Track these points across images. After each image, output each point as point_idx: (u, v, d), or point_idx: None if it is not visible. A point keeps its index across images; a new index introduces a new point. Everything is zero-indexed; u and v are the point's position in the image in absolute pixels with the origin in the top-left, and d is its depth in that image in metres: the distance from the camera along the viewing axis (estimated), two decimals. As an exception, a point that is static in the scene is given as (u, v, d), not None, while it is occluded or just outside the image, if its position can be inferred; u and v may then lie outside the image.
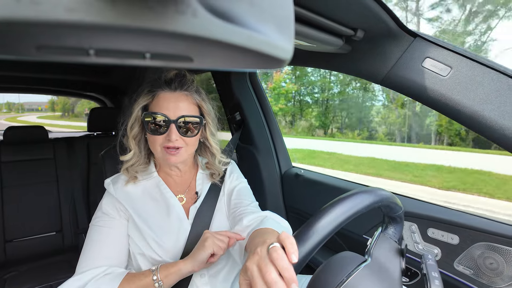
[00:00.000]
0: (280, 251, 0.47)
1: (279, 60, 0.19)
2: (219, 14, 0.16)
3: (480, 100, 0.67)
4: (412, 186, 7.60)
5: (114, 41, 0.15)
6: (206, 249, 0.78)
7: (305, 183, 1.47)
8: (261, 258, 0.49)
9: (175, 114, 0.84)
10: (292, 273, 0.45)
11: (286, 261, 0.46)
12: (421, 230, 0.99)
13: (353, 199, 0.53)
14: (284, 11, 0.19)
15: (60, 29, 0.13)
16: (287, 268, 0.46)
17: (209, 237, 0.80)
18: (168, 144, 0.84)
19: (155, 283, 0.76)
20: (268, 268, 0.46)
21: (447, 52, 0.72)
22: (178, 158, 0.87)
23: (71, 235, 1.96)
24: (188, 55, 0.17)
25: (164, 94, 0.86)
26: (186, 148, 0.88)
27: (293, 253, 0.46)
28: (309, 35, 0.72)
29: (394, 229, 0.67)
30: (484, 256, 0.85)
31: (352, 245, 1.25)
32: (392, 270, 0.58)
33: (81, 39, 0.14)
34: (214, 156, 0.98)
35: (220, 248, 0.79)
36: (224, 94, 1.62)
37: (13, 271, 1.68)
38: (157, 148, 0.87)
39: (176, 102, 0.85)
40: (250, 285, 0.49)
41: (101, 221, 0.87)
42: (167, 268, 0.78)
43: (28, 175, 1.88)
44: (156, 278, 0.76)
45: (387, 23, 0.71)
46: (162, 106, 0.84)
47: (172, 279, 0.78)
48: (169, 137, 0.84)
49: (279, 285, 0.45)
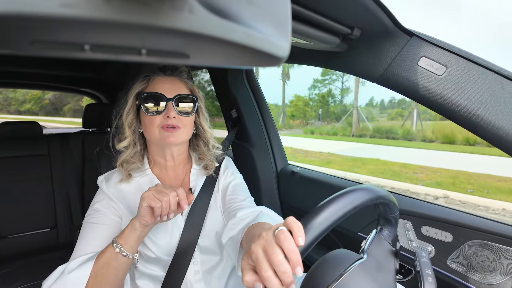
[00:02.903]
0: (288, 234, 0.47)
1: (276, 58, 0.19)
2: (216, 10, 0.16)
3: (475, 99, 0.68)
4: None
5: (110, 37, 0.15)
6: (141, 201, 0.72)
7: (301, 181, 1.48)
8: (267, 241, 0.48)
9: (172, 93, 0.87)
10: (298, 256, 0.45)
11: (293, 244, 0.46)
12: (415, 228, 1.00)
13: (360, 192, 0.54)
14: (281, 9, 0.19)
15: (55, 24, 0.13)
16: (293, 250, 0.45)
17: (149, 189, 0.74)
18: (167, 122, 0.85)
19: (115, 248, 0.74)
20: (275, 250, 0.46)
21: (443, 51, 0.72)
22: (176, 138, 0.87)
23: (65, 232, 1.94)
24: (185, 51, 0.17)
25: (159, 78, 0.90)
26: (183, 129, 0.88)
27: (300, 236, 0.46)
28: (306, 33, 0.72)
29: (389, 231, 0.68)
30: (477, 253, 0.86)
31: (347, 243, 1.26)
32: (387, 268, 0.58)
33: (76, 34, 0.14)
34: (208, 143, 0.99)
35: (156, 200, 0.71)
36: (221, 91, 1.62)
37: (7, 268, 1.66)
38: (155, 130, 0.86)
39: (171, 83, 0.89)
40: (253, 269, 0.49)
41: (93, 218, 0.86)
42: (122, 231, 0.77)
43: (22, 171, 1.86)
44: (115, 244, 0.75)
45: (383, 21, 0.72)
46: (158, 88, 0.88)
47: (129, 238, 0.75)
48: (168, 114, 0.85)
49: (286, 266, 0.45)
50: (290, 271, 0.45)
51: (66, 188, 1.97)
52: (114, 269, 0.75)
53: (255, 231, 0.70)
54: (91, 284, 0.73)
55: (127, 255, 0.75)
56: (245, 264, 0.50)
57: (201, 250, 0.91)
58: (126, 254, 0.75)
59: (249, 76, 1.57)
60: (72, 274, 0.73)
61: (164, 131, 0.86)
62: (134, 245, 0.76)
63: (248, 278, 0.48)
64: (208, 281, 0.89)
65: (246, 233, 0.75)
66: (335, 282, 0.50)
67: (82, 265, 0.75)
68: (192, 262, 0.88)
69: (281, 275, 0.45)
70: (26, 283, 1.53)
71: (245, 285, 0.48)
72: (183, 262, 0.87)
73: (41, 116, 30.64)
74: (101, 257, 0.75)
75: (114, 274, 0.75)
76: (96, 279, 0.74)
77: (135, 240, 0.76)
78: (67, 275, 0.73)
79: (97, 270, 0.74)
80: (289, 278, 0.45)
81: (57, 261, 1.49)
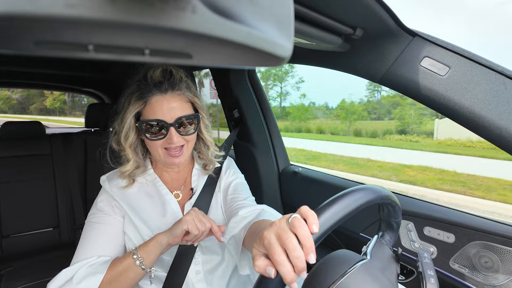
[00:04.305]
0: (302, 221, 0.47)
1: (279, 58, 0.19)
2: (218, 11, 0.16)
3: (478, 100, 0.68)
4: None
5: (113, 37, 0.15)
6: (182, 223, 0.76)
7: (303, 181, 1.47)
8: (280, 227, 0.48)
9: (172, 117, 0.83)
10: (312, 242, 0.45)
11: (307, 230, 0.46)
12: (417, 229, 1.00)
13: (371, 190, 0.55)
14: (284, 9, 0.19)
15: (59, 24, 0.13)
16: (308, 237, 0.45)
17: (190, 213, 0.78)
18: (170, 146, 0.84)
19: (135, 261, 0.76)
20: (289, 235, 0.46)
21: (446, 51, 0.72)
22: (181, 158, 0.87)
23: (68, 231, 1.95)
24: (187, 51, 0.17)
25: (156, 98, 0.83)
26: (187, 145, 0.88)
27: (315, 223, 0.46)
28: (308, 33, 0.72)
29: (390, 236, 0.68)
30: (480, 254, 0.86)
31: (349, 243, 1.26)
32: (388, 270, 0.58)
33: (80, 35, 0.14)
34: (208, 148, 0.98)
35: (195, 227, 0.76)
36: (223, 91, 1.62)
37: (10, 267, 1.67)
38: (158, 151, 0.86)
39: (170, 104, 0.83)
40: (265, 255, 0.48)
41: (96, 218, 0.87)
42: (146, 244, 0.78)
43: (25, 170, 1.87)
44: (136, 256, 0.76)
45: (386, 22, 0.71)
46: (156, 112, 0.82)
47: (151, 252, 0.77)
48: (171, 140, 0.83)
49: (299, 252, 0.44)
50: (303, 257, 0.44)
51: (68, 187, 1.98)
52: (131, 279, 0.77)
53: (259, 228, 0.70)
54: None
55: (145, 268, 0.76)
56: (256, 251, 0.50)
57: (202, 250, 0.91)
58: (145, 268, 0.76)
59: (251, 76, 1.57)
60: (82, 284, 0.73)
61: (168, 155, 0.86)
62: (154, 259, 0.78)
63: (259, 262, 0.47)
64: (210, 281, 0.89)
65: (249, 230, 0.75)
66: (337, 282, 0.50)
67: (91, 275, 0.75)
68: (194, 262, 0.89)
69: (294, 260, 0.44)
70: (30, 282, 1.54)
71: (257, 270, 0.47)
72: (185, 262, 0.87)
73: (10, 114, 33.39)
74: (118, 265, 0.76)
75: (128, 283, 0.77)
76: (110, 286, 0.75)
77: (156, 255, 0.78)
78: (77, 285, 0.73)
79: (112, 277, 0.75)
80: (303, 264, 0.44)
81: (61, 260, 1.50)
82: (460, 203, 6.45)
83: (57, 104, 37.02)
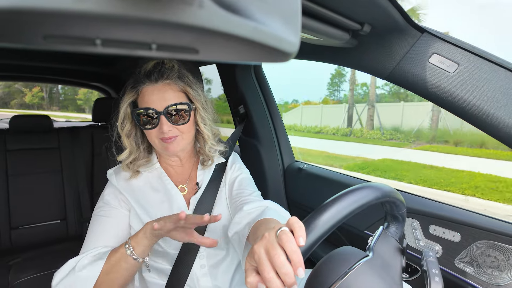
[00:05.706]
0: (289, 234, 0.47)
1: (285, 54, 0.19)
2: (225, 5, 0.16)
3: (487, 97, 0.66)
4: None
5: (121, 32, 0.15)
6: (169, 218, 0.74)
7: (308, 178, 1.47)
8: (269, 241, 0.49)
9: (162, 105, 0.84)
10: (300, 257, 0.45)
11: (295, 244, 0.46)
12: (422, 227, 1.00)
13: (362, 191, 0.53)
14: (291, 4, 0.19)
15: (67, 19, 0.13)
16: (295, 251, 0.45)
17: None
18: (162, 135, 0.85)
19: (126, 250, 0.76)
20: (277, 251, 0.46)
21: (455, 48, 0.70)
22: (175, 146, 0.87)
23: (75, 224, 1.98)
24: (194, 46, 0.17)
25: (147, 87, 0.85)
26: (181, 136, 0.88)
27: (301, 236, 0.46)
28: (315, 28, 0.71)
29: (396, 228, 0.67)
30: (485, 254, 0.85)
31: (353, 240, 1.26)
32: (393, 267, 0.58)
33: (88, 29, 0.15)
34: (206, 143, 0.97)
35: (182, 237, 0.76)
36: (229, 87, 1.62)
37: (17, 258, 1.71)
38: (154, 140, 0.88)
39: (160, 93, 0.84)
40: (256, 270, 0.49)
41: (103, 211, 0.88)
42: (136, 233, 0.78)
43: (33, 163, 1.90)
44: (128, 246, 0.76)
45: (394, 17, 0.70)
46: (148, 100, 0.84)
47: (140, 242, 0.76)
48: (161, 129, 0.84)
49: (287, 268, 0.45)
50: (292, 273, 0.45)
51: (75, 181, 2.00)
52: (124, 270, 0.77)
53: (260, 231, 0.70)
54: (102, 281, 0.75)
55: (137, 258, 0.76)
56: (248, 265, 0.51)
57: None
58: (136, 258, 0.76)
59: (257, 72, 1.56)
60: (83, 272, 0.74)
61: (163, 142, 0.86)
62: (144, 249, 0.77)
63: (251, 279, 0.48)
64: (214, 275, 0.90)
65: (253, 229, 0.75)
66: (340, 280, 0.50)
67: (93, 262, 0.76)
68: (198, 256, 0.89)
69: (283, 276, 0.45)
70: (37, 273, 1.57)
71: (249, 287, 0.48)
72: (190, 256, 0.88)
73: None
74: (113, 255, 0.77)
75: (123, 274, 0.77)
76: (108, 277, 0.75)
77: (145, 245, 0.77)
78: (78, 272, 0.74)
79: (109, 268, 0.76)
80: (291, 280, 0.45)
81: (67, 252, 1.52)
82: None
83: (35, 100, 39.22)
